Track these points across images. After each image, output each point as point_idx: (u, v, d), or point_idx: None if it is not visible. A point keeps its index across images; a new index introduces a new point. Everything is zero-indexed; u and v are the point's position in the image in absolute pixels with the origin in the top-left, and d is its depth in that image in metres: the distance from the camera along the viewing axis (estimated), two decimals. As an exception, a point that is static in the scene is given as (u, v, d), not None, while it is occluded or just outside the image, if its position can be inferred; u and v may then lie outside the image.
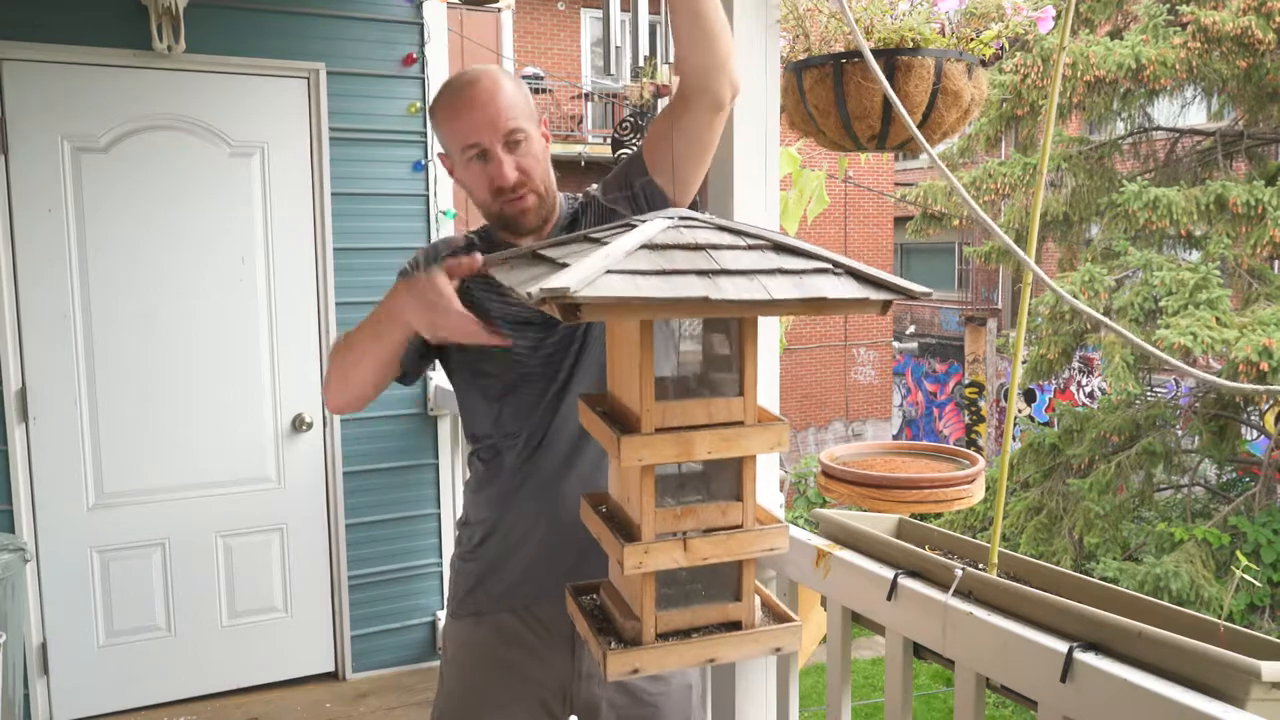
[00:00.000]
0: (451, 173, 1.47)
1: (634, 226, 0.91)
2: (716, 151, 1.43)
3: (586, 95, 12.61)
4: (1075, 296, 7.31)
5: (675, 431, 0.92)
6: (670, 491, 0.97)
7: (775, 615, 1.04)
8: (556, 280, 0.78)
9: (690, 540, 0.93)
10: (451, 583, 1.56)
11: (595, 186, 1.53)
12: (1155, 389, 8.96)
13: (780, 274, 0.86)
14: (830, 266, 0.89)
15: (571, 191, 1.55)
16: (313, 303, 3.25)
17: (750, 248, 0.90)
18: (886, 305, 0.89)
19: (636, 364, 0.92)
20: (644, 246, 0.86)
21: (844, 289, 0.87)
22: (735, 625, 0.99)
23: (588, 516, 1.05)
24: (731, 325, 0.97)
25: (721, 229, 0.92)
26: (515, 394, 1.44)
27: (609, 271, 0.81)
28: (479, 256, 1.19)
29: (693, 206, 1.46)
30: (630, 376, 0.95)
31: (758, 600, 1.02)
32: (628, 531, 0.97)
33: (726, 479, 0.98)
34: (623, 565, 0.92)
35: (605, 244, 0.87)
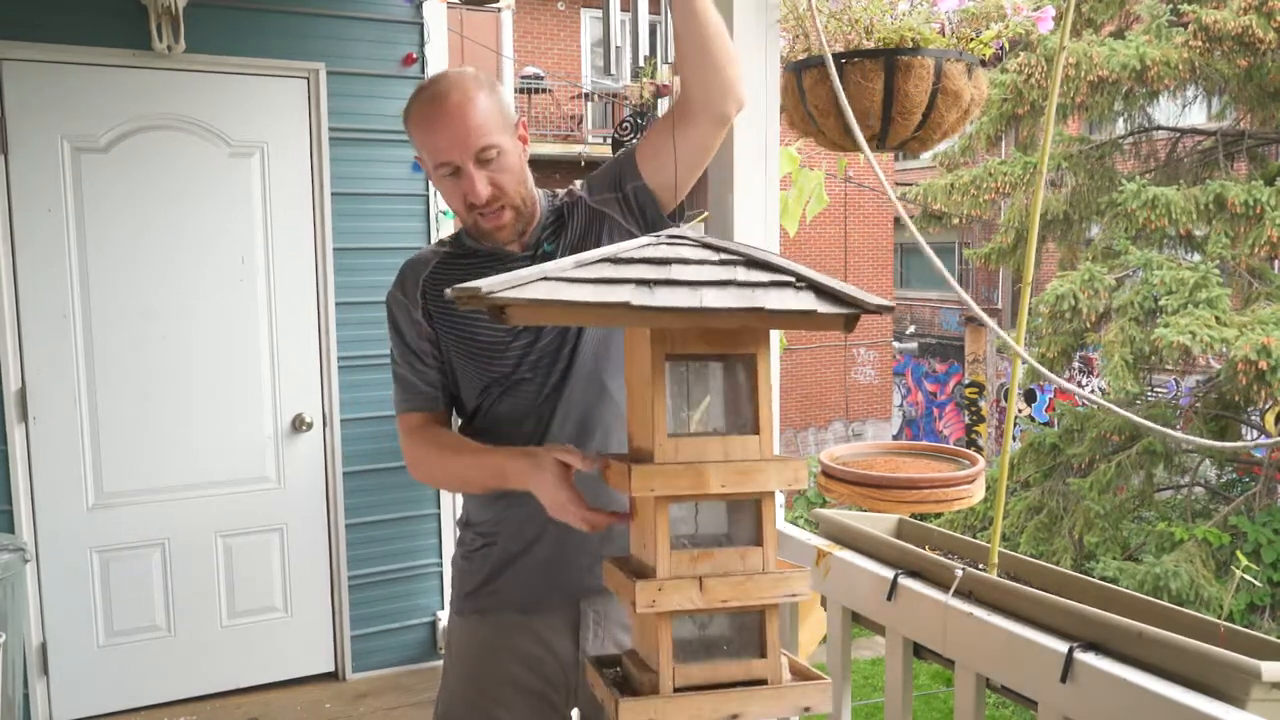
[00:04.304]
0: (429, 175, 1.47)
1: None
2: (717, 151, 1.43)
3: (586, 95, 12.59)
4: (1076, 295, 7.33)
5: (689, 464, 0.91)
6: (686, 537, 0.94)
7: (802, 675, 0.99)
8: (473, 282, 0.82)
9: (706, 580, 0.90)
10: (455, 580, 1.57)
11: (580, 184, 1.52)
12: (1155, 389, 8.95)
13: (732, 285, 0.85)
14: (793, 280, 0.87)
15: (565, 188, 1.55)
16: (312, 303, 3.25)
17: (722, 263, 0.89)
18: (851, 321, 0.87)
19: (650, 401, 0.91)
20: (605, 259, 0.87)
21: (792, 301, 0.85)
22: (760, 684, 0.94)
23: (608, 573, 1.01)
24: (743, 366, 0.95)
25: (705, 246, 0.91)
26: (511, 397, 1.45)
27: (545, 278, 0.83)
28: (583, 460, 1.16)
29: (679, 208, 1.47)
30: (644, 413, 0.94)
31: (784, 659, 0.97)
32: (643, 575, 0.94)
33: (744, 523, 0.96)
34: (635, 604, 0.89)
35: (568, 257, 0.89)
